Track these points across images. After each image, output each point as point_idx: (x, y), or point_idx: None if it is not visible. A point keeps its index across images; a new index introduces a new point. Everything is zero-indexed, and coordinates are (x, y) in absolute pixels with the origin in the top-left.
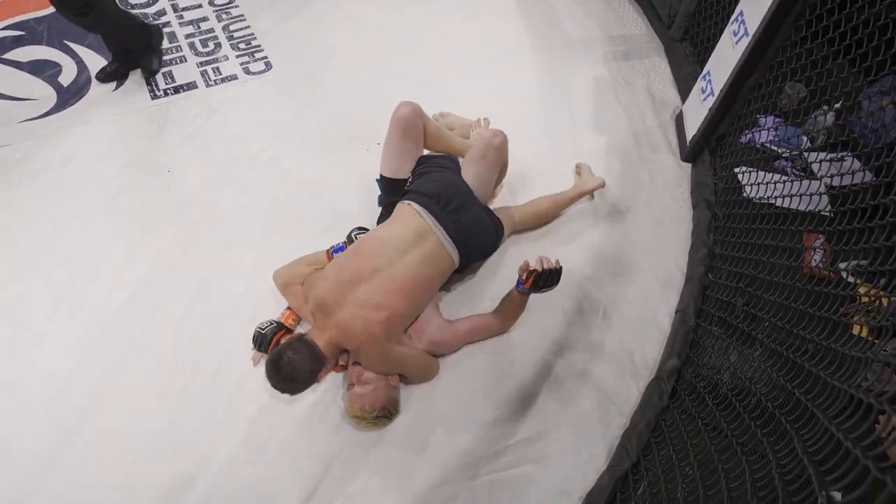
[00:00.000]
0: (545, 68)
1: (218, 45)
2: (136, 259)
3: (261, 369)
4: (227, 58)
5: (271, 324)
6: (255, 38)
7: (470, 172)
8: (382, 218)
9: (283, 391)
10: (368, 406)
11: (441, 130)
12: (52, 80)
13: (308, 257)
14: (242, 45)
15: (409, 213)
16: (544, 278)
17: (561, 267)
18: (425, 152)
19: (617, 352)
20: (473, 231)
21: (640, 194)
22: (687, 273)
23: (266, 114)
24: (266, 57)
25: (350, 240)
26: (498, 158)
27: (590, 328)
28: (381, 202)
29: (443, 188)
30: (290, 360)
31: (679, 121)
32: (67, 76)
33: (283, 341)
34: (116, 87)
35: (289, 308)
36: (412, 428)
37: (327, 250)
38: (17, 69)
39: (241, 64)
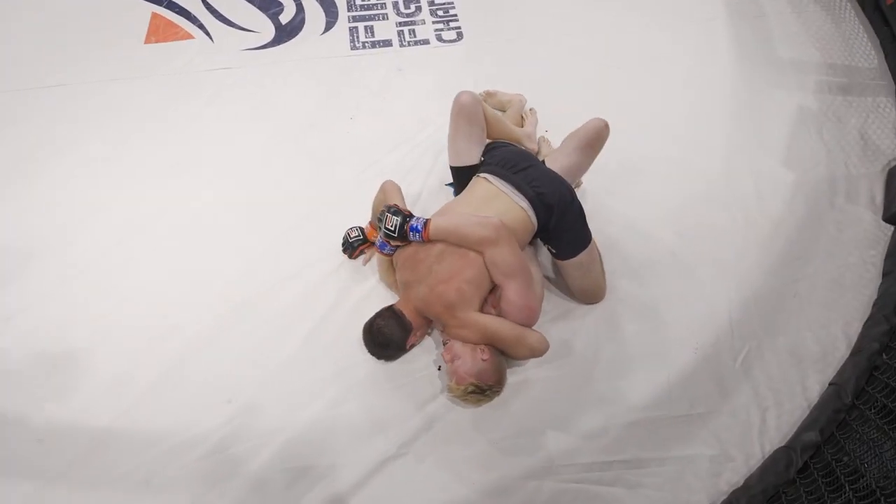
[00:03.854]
0: (743, 84)
1: (419, 9)
2: (307, 190)
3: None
4: (423, 22)
5: (359, 235)
6: (453, 7)
7: (572, 160)
8: None
9: (378, 357)
10: (455, 382)
11: (498, 117)
12: (274, 17)
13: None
14: (440, 13)
15: (478, 182)
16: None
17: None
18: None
19: (748, 405)
20: (544, 183)
21: (819, 244)
22: (856, 346)
23: (449, 81)
24: (460, 27)
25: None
26: (600, 147)
27: (724, 370)
28: (456, 194)
29: (508, 154)
30: (379, 328)
31: (892, 175)
32: (287, 15)
33: (365, 252)
34: (324, 32)
35: (370, 223)
36: (516, 412)
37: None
38: (248, 3)
39: (436, 30)
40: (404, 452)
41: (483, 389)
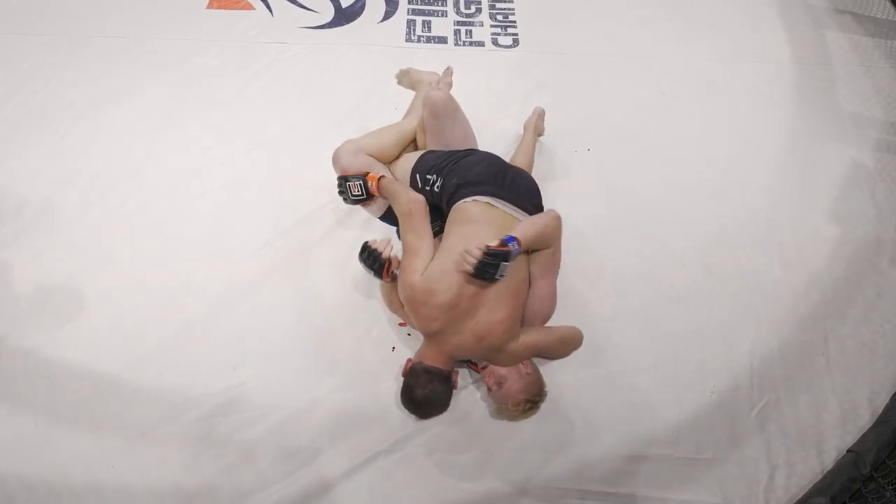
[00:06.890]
0: (798, 131)
1: (479, 10)
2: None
3: None
4: (482, 24)
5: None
6: (513, 14)
7: (460, 130)
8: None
9: (430, 417)
10: (511, 405)
11: (380, 148)
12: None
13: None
14: (500, 17)
15: (481, 208)
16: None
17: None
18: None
19: (758, 458)
20: (533, 191)
21: (855, 306)
22: (881, 416)
23: (498, 85)
24: (517, 34)
25: None
26: (450, 107)
27: (738, 419)
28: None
29: (489, 167)
30: (427, 399)
31: None
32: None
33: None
34: (382, 21)
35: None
36: (517, 427)
37: None
38: None
39: (492, 34)
40: (399, 449)
41: (535, 402)
